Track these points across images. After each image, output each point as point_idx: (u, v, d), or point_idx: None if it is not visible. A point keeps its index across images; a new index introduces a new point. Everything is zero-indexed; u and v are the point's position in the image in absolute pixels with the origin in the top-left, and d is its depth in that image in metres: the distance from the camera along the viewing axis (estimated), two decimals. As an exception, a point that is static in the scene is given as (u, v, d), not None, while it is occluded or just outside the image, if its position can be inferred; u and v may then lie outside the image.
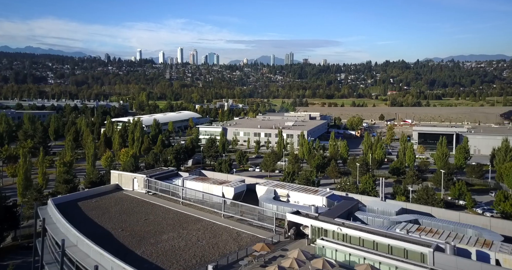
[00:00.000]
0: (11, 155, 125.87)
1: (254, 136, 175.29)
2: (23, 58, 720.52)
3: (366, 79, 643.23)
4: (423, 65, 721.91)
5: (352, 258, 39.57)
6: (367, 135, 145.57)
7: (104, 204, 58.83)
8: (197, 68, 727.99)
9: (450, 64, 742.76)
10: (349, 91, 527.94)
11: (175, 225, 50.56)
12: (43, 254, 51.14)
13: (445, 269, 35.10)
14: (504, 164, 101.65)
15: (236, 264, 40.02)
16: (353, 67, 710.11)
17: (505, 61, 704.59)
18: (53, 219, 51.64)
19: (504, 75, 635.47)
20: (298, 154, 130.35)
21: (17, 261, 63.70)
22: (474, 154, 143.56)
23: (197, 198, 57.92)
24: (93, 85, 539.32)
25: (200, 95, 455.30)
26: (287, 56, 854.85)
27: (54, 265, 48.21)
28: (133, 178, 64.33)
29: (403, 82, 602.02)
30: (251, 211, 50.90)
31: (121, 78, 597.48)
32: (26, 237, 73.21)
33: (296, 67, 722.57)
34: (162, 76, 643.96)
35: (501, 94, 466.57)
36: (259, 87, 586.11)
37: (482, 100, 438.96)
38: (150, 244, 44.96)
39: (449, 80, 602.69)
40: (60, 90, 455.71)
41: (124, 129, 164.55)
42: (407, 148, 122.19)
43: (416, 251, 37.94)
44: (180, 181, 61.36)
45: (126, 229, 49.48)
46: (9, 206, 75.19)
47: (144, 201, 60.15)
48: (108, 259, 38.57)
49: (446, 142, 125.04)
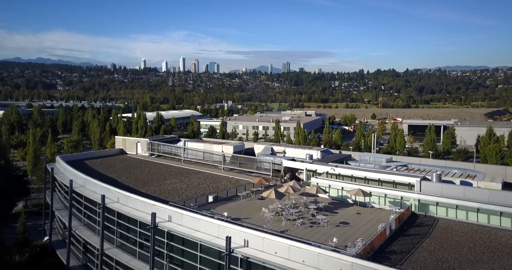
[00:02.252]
0: (21, 141, 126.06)
1: (252, 128, 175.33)
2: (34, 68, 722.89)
3: (358, 86, 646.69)
4: (412, 73, 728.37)
5: (345, 193, 39.73)
6: (360, 124, 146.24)
7: (109, 162, 58.92)
8: (198, 76, 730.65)
9: (437, 73, 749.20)
10: (343, 96, 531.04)
11: (177, 175, 50.68)
12: (53, 203, 51.16)
13: (431, 194, 35.36)
14: (487, 146, 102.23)
15: (235, 197, 40.16)
16: (346, 75, 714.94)
17: (488, 71, 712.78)
18: (61, 170, 51.69)
19: (488, 83, 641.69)
20: (295, 142, 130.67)
21: (29, 224, 63.80)
22: (460, 144, 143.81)
23: (198, 158, 58.04)
24: (100, 91, 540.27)
25: (201, 99, 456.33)
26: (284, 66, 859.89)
27: (64, 211, 48.24)
28: (137, 142, 64.43)
29: (393, 89, 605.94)
30: (250, 161, 51.08)
31: (126, 85, 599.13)
32: (36, 205, 73.22)
33: (293, 75, 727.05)
34: (165, 83, 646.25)
35: (485, 99, 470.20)
36: (257, 93, 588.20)
37: (468, 104, 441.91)
38: (154, 186, 45.12)
39: (437, 87, 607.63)
40: (69, 95, 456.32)
41: (128, 121, 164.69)
42: (398, 135, 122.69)
43: (404, 182, 38.21)
44: (181, 142, 61.48)
45: (130, 177, 49.58)
46: (20, 175, 75.21)
47: (148, 160, 60.23)
48: (114, 191, 38.69)
49: (434, 128, 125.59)
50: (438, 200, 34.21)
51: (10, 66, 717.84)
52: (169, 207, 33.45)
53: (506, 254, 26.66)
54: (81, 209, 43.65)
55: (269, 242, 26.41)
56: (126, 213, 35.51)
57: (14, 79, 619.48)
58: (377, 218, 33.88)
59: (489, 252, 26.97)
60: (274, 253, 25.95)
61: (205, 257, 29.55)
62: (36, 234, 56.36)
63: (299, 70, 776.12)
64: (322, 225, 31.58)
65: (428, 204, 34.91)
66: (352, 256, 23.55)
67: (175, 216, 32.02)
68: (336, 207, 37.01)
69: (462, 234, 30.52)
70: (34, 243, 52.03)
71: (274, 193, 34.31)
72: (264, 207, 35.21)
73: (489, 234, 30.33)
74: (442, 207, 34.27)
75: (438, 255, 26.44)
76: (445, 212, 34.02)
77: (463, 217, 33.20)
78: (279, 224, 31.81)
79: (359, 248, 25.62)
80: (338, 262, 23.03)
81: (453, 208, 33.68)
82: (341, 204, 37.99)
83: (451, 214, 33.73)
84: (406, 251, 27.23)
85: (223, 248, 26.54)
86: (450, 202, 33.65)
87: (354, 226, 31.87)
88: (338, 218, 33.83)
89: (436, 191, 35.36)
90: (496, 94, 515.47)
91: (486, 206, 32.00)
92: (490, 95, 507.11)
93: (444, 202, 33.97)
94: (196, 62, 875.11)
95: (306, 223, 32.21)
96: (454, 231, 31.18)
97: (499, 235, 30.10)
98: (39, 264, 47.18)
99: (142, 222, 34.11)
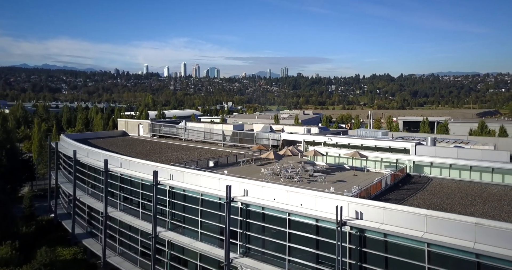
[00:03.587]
0: (27, 135, 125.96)
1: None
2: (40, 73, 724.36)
3: (354, 90, 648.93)
4: (406, 78, 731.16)
5: (342, 160, 39.74)
6: (357, 118, 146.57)
7: (111, 141, 58.96)
8: (199, 80, 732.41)
9: (430, 78, 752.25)
10: (340, 99, 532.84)
11: (179, 150, 50.67)
12: (58, 178, 51.03)
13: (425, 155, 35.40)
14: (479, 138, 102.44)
15: (234, 164, 40.11)
16: (343, 80, 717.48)
17: (479, 76, 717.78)
18: (65, 145, 51.61)
19: (479, 87, 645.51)
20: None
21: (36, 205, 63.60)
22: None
23: (199, 137, 58.04)
24: (103, 94, 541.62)
25: (202, 101, 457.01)
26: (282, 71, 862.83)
27: (68, 184, 48.12)
28: (139, 124, 64.40)
29: (388, 93, 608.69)
30: (249, 137, 51.07)
31: (129, 89, 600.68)
32: (42, 190, 72.88)
33: (291, 79, 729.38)
34: (167, 87, 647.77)
35: (476, 102, 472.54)
36: (256, 96, 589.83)
37: (460, 106, 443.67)
38: (155, 157, 45.05)
39: (430, 91, 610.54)
40: (73, 97, 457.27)
41: (131, 117, 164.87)
42: (393, 128, 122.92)
43: (400, 147, 38.26)
44: (182, 123, 61.45)
45: (132, 151, 49.53)
46: (25, 159, 75.07)
47: (150, 140, 60.21)
48: (117, 157, 38.69)
49: (428, 123, 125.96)
50: (433, 160, 34.25)
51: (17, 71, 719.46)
52: (170, 166, 33.44)
53: (495, 200, 26.72)
54: (84, 179, 43.57)
55: (268, 190, 26.40)
56: (128, 175, 35.48)
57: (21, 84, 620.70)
58: (373, 178, 33.85)
59: (480, 199, 27.02)
60: (273, 200, 25.92)
61: (206, 211, 29.50)
62: (42, 213, 56.10)
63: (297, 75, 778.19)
64: (319, 182, 31.55)
65: (422, 165, 34.94)
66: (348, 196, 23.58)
67: (177, 174, 31.98)
68: (333, 171, 37.00)
69: (455, 188, 30.54)
70: (40, 218, 51.85)
71: (273, 154, 34.30)
72: (263, 168, 35.19)
73: (481, 188, 30.37)
74: (436, 167, 34.30)
75: (431, 201, 26.46)
76: (439, 172, 34.05)
77: (456, 176, 33.24)
78: (278, 181, 31.78)
79: (355, 192, 25.60)
80: (335, 202, 23.02)
81: (447, 168, 33.71)
82: (338, 169, 37.98)
83: (444, 174, 33.76)
84: (401, 198, 27.26)
85: (224, 199, 26.43)
86: (444, 161, 33.71)
87: (350, 183, 31.86)
88: (335, 178, 33.82)
89: (430, 153, 35.42)
90: (487, 98, 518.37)
91: (478, 162, 32.07)
92: (481, 98, 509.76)
93: (438, 161, 34.02)
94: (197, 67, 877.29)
95: (304, 180, 32.20)
96: (447, 186, 31.19)
97: (490, 188, 30.13)
98: (45, 237, 46.97)
99: (144, 183, 34.09)
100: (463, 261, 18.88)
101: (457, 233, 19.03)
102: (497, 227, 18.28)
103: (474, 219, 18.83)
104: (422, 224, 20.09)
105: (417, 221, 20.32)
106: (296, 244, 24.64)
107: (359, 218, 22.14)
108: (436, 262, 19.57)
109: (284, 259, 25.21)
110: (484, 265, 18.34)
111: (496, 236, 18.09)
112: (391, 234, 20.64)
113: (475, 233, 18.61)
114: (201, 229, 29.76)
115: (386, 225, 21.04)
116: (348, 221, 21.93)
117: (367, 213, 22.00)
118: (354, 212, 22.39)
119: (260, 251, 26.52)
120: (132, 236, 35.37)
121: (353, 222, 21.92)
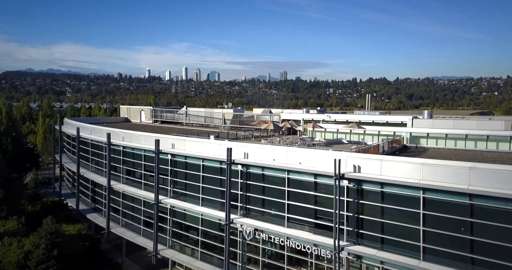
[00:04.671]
0: (32, 130, 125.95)
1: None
2: (45, 77, 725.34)
3: (352, 93, 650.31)
4: (402, 82, 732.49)
5: (340, 135, 39.76)
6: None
7: (114, 125, 58.78)
8: (200, 84, 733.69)
9: (426, 81, 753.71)
10: (337, 101, 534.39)
11: (180, 132, 50.49)
12: (62, 158, 50.93)
13: (422, 127, 35.44)
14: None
15: (235, 139, 40.01)
16: (340, 83, 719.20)
17: (473, 80, 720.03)
18: (68, 127, 51.60)
19: (472, 91, 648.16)
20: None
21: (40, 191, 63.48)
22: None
23: (200, 121, 58.07)
24: (106, 96, 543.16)
25: (203, 103, 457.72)
26: (281, 75, 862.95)
27: (72, 163, 48.02)
28: (141, 110, 64.39)
29: (384, 95, 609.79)
30: (250, 118, 51.08)
31: (131, 92, 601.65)
32: (46, 178, 72.66)
33: (290, 83, 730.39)
34: (169, 90, 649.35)
35: (470, 104, 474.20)
36: (256, 99, 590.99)
37: (454, 108, 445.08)
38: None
39: (425, 94, 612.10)
40: (77, 99, 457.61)
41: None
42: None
43: (397, 121, 38.31)
44: (183, 109, 61.46)
45: (135, 132, 49.42)
46: (30, 148, 74.94)
47: (151, 125, 60.20)
48: (119, 131, 38.66)
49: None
50: (429, 131, 34.29)
51: (22, 75, 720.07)
52: (171, 136, 33.43)
53: (490, 162, 26.69)
54: (88, 156, 43.49)
55: (268, 151, 26.39)
56: (130, 147, 35.44)
57: (26, 87, 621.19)
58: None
59: (474, 161, 26.97)
60: (273, 160, 25.90)
61: (208, 176, 29.44)
62: (47, 197, 55.88)
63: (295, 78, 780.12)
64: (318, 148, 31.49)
65: (419, 137, 34.98)
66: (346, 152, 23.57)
67: (178, 142, 31.97)
68: (331, 144, 36.97)
69: (450, 155, 30.52)
70: (45, 199, 51.66)
71: (273, 125, 34.31)
72: (263, 140, 35.17)
73: (476, 154, 30.35)
74: (433, 138, 34.34)
75: (428, 161, 26.41)
76: (435, 142, 34.07)
77: (452, 145, 33.26)
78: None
79: (353, 151, 25.59)
80: (333, 157, 22.99)
81: (443, 138, 33.74)
82: (337, 143, 37.95)
83: (440, 144, 33.79)
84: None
85: (225, 163, 26.22)
86: (440, 132, 33.74)
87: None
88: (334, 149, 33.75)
89: (427, 126, 35.46)
90: (481, 100, 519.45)
91: (473, 131, 32.10)
92: (475, 101, 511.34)
93: (434, 132, 34.09)
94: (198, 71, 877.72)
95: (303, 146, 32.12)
96: (443, 154, 31.17)
97: (485, 154, 30.14)
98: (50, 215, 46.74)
99: (147, 155, 34.02)
100: (457, 205, 18.86)
101: (452, 178, 19.02)
102: (491, 169, 18.28)
103: (469, 164, 18.83)
104: (418, 172, 20.09)
105: (413, 170, 20.32)
106: (295, 202, 24.61)
107: (357, 172, 22.13)
108: (430, 207, 19.55)
109: (283, 217, 25.16)
110: (478, 207, 18.33)
111: (489, 178, 18.08)
112: (388, 183, 20.61)
113: (469, 177, 18.62)
114: (203, 194, 29.68)
115: (384, 176, 21.02)
116: (346, 174, 21.91)
117: (365, 166, 21.99)
118: (352, 166, 22.39)
119: (260, 211, 26.47)
120: (135, 206, 35.28)
121: (351, 174, 21.91)
